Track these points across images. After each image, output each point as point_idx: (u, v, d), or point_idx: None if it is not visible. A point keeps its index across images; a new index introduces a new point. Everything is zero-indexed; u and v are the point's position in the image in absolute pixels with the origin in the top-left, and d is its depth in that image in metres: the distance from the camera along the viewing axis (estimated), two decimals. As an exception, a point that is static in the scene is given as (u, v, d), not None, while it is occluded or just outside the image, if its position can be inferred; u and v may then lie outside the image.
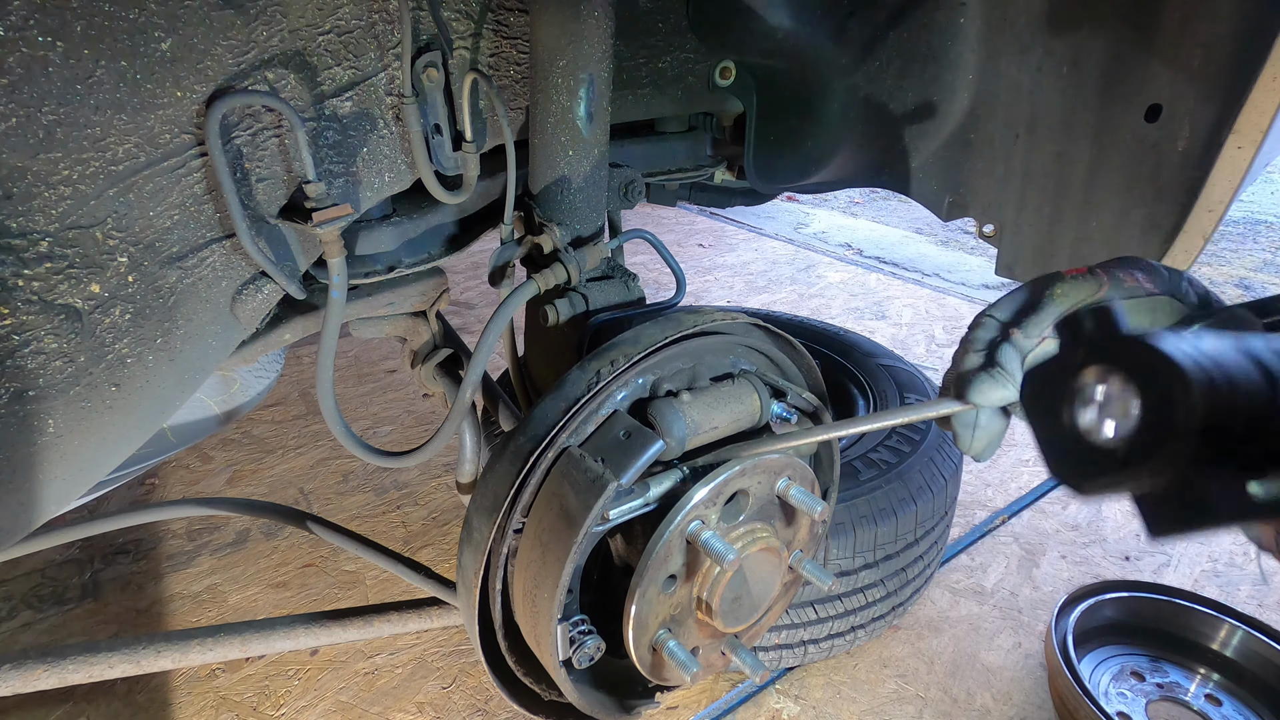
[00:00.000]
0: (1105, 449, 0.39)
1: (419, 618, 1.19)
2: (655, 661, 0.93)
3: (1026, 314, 0.70)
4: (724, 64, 1.29)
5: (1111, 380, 0.39)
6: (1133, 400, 0.37)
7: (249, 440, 2.38)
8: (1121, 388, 0.38)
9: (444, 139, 1.02)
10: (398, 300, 1.14)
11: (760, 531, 0.94)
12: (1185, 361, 0.34)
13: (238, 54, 0.78)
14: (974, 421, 0.73)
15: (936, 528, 1.53)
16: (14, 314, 0.70)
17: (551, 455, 0.87)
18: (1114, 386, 0.39)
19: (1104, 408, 0.39)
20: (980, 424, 0.73)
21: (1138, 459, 0.36)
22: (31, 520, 0.79)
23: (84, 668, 1.04)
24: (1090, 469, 0.40)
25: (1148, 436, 0.36)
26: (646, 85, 1.24)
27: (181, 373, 0.85)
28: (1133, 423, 0.37)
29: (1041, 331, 0.68)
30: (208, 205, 0.81)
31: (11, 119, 0.65)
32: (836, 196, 5.25)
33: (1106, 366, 0.39)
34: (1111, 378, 0.39)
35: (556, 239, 1.08)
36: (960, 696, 1.50)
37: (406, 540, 1.96)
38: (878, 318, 3.20)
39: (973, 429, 0.73)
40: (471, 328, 3.13)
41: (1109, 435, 0.39)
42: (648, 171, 1.39)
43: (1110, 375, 0.39)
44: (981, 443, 0.74)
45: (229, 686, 1.56)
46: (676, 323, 0.92)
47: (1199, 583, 1.78)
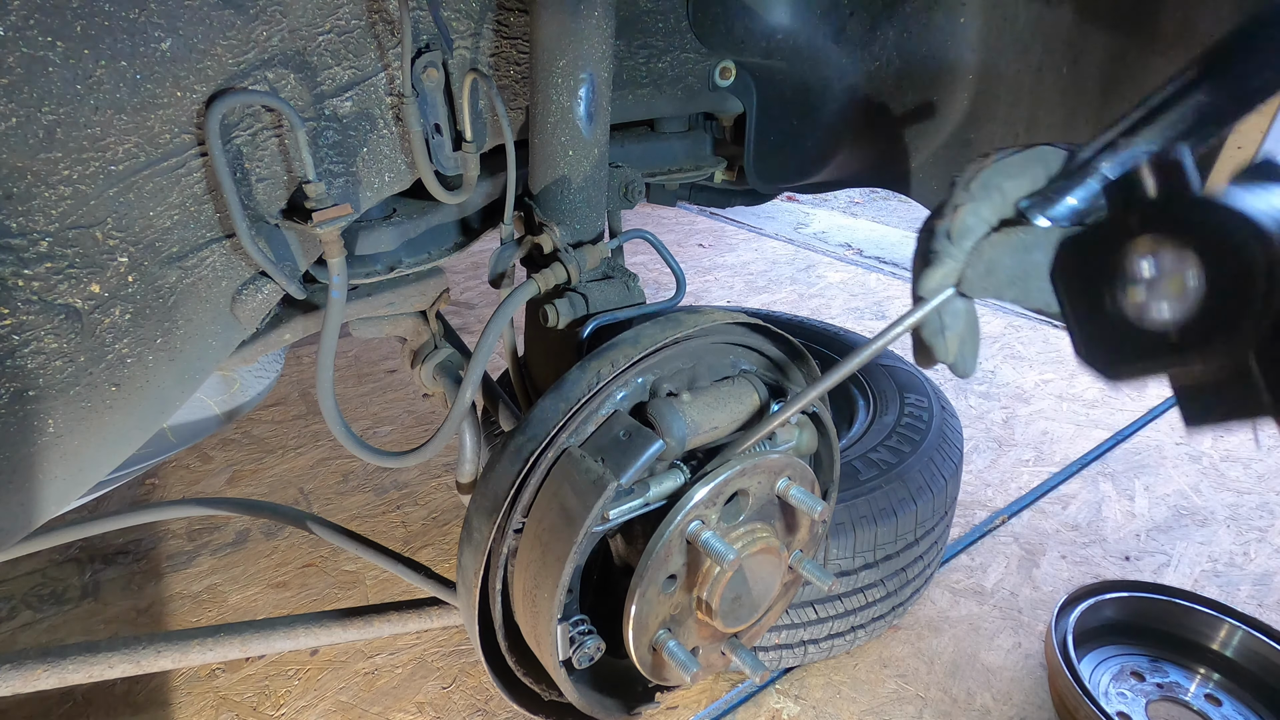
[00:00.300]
0: (1152, 332, 0.34)
1: (419, 618, 1.19)
2: (655, 661, 0.93)
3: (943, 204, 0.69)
4: (724, 64, 1.29)
5: (1167, 252, 0.33)
6: (1191, 274, 0.32)
7: (249, 440, 2.38)
8: (1178, 260, 0.33)
9: (444, 139, 1.02)
10: (398, 300, 1.14)
11: (760, 531, 0.94)
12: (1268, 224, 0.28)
13: (238, 54, 0.78)
14: (940, 324, 0.69)
15: (936, 528, 1.53)
16: (14, 314, 0.70)
17: (551, 455, 0.87)
18: (1168, 259, 0.33)
19: (1156, 285, 0.34)
20: (946, 324, 0.69)
21: (1194, 343, 0.31)
22: (31, 520, 0.79)
23: (84, 668, 1.04)
24: (1129, 354, 0.35)
25: (1211, 318, 0.31)
26: (646, 85, 1.24)
27: (181, 373, 0.85)
28: (1192, 302, 0.32)
29: (952, 204, 0.66)
30: (208, 205, 0.81)
31: (11, 119, 0.65)
32: (836, 196, 5.25)
33: (1162, 236, 0.33)
34: (1167, 249, 0.33)
35: (556, 239, 1.08)
36: (960, 696, 1.50)
37: (406, 540, 1.96)
38: (878, 318, 3.20)
39: (941, 332, 0.69)
40: (471, 328, 3.13)
41: (1161, 317, 0.33)
42: (648, 171, 1.39)
43: (1166, 246, 0.33)
44: (955, 342, 0.70)
45: (229, 686, 1.56)
46: (676, 323, 0.92)
47: (1199, 583, 1.78)
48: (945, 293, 0.66)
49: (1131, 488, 2.11)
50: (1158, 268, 0.34)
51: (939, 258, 0.66)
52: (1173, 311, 0.33)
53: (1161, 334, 0.33)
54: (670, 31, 1.22)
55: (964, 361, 0.72)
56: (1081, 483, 2.14)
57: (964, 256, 0.64)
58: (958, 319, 0.70)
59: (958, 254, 0.65)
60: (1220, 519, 1.98)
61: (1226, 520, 1.98)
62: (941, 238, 0.66)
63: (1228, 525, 1.96)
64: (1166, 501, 2.05)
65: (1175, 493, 2.09)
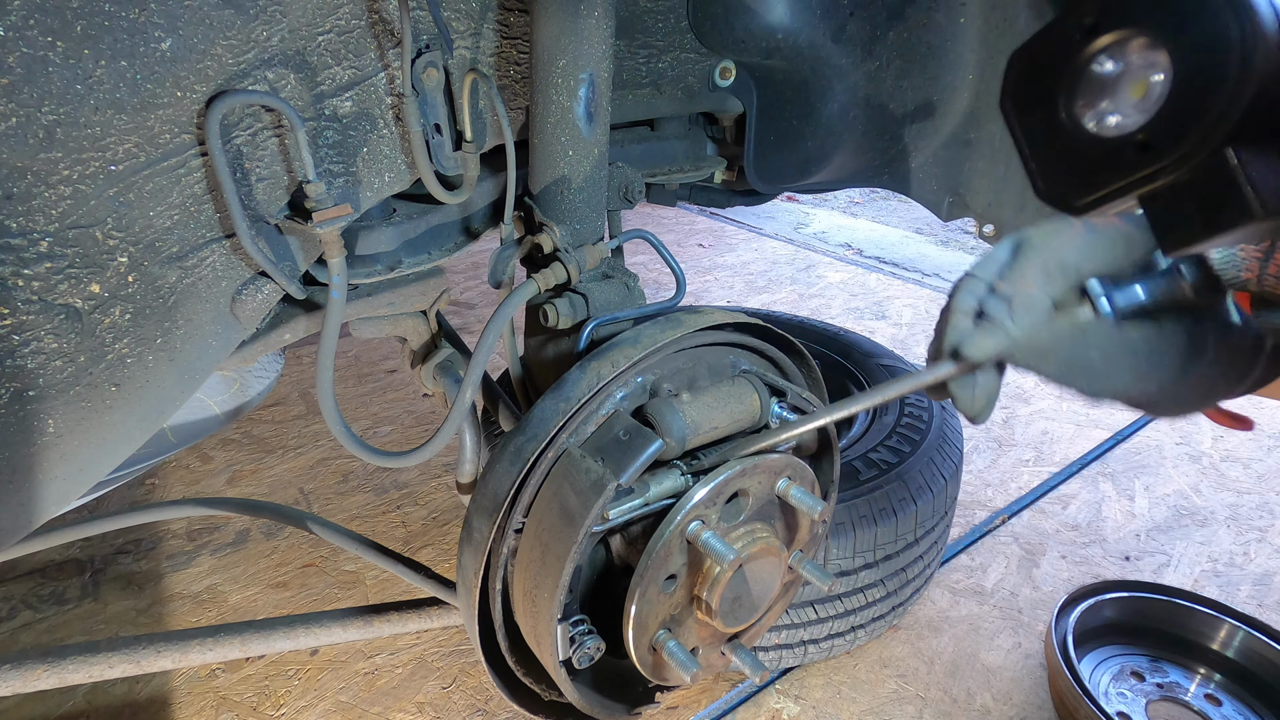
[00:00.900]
0: (1113, 143, 0.30)
1: (419, 618, 1.19)
2: (655, 661, 0.93)
3: (1007, 265, 0.66)
4: (724, 64, 1.29)
5: (1132, 43, 0.29)
6: (1158, 67, 0.28)
7: (249, 440, 2.38)
8: (1146, 50, 0.28)
9: (444, 139, 1.02)
10: (398, 300, 1.14)
11: (760, 531, 0.94)
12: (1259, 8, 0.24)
13: (238, 54, 0.78)
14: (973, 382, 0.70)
15: (936, 528, 1.53)
16: (14, 314, 0.70)
17: (551, 455, 0.87)
18: (1134, 51, 0.29)
19: (1118, 87, 0.29)
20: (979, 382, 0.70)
21: (1163, 145, 0.27)
22: (31, 520, 0.79)
23: (84, 668, 1.04)
24: (1093, 174, 0.31)
25: (1179, 108, 0.27)
26: (646, 85, 1.24)
27: (181, 373, 0.85)
28: (1158, 98, 0.28)
29: (1024, 275, 0.63)
30: (208, 205, 0.81)
31: (11, 119, 0.65)
32: (836, 196, 5.25)
33: (1127, 29, 0.29)
34: (1132, 40, 0.29)
35: (556, 239, 1.08)
36: (960, 696, 1.50)
37: (406, 540, 1.96)
38: (878, 318, 3.20)
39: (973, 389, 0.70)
40: (471, 328, 3.13)
41: (1121, 124, 0.29)
42: (648, 171, 1.39)
43: (1131, 37, 0.29)
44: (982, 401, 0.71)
45: (229, 686, 1.56)
46: (677, 323, 0.92)
47: (1199, 583, 1.78)
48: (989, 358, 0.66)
49: (1131, 488, 2.11)
50: (1120, 66, 0.29)
51: (994, 328, 0.65)
52: (1137, 114, 0.29)
53: (1126, 142, 0.29)
54: (670, 31, 1.22)
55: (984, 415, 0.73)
56: (1081, 483, 2.14)
57: (1019, 334, 0.63)
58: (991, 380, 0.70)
59: (1015, 331, 0.63)
60: (1220, 519, 1.98)
61: (1226, 520, 1.98)
62: (1001, 305, 0.64)
63: (1228, 525, 1.96)
64: (1166, 501, 2.05)
65: (1175, 493, 2.09)
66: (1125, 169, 0.29)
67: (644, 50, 1.21)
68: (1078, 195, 0.32)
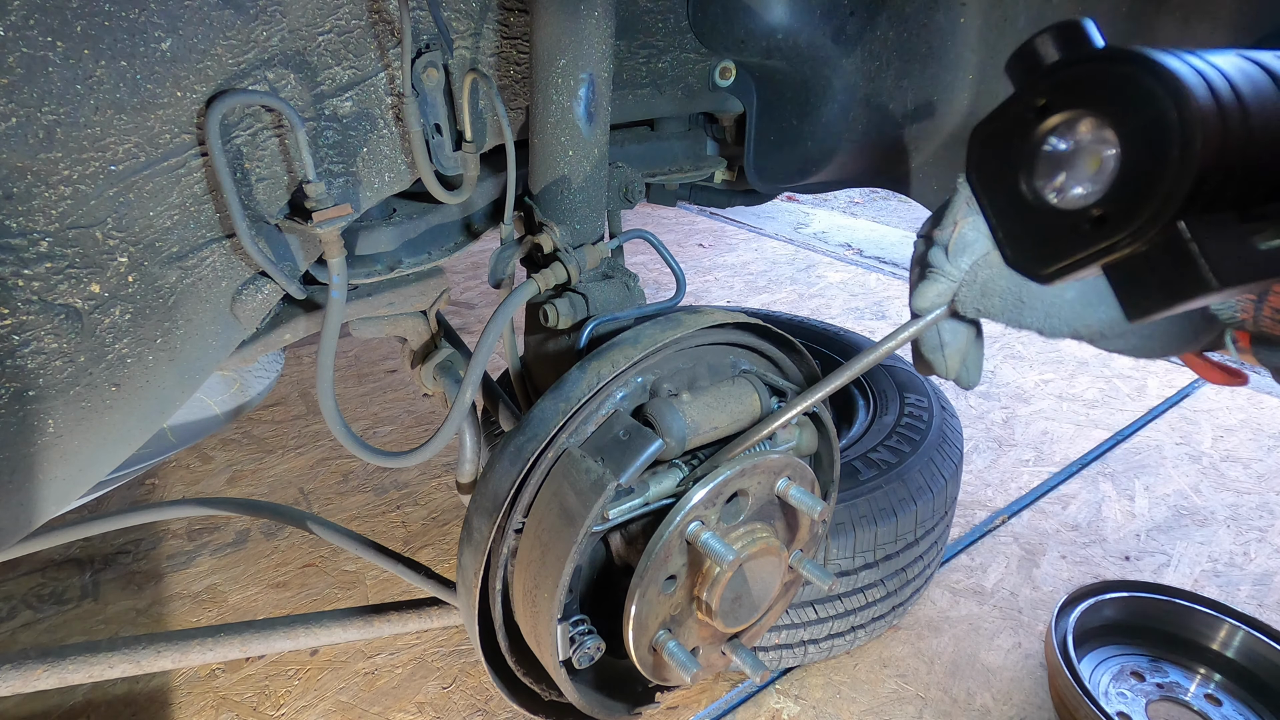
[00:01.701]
0: (1073, 216, 0.31)
1: (419, 618, 1.19)
2: (655, 662, 0.93)
3: (942, 213, 0.66)
4: (724, 64, 1.29)
5: (1081, 123, 0.30)
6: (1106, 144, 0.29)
7: (249, 440, 2.38)
8: (1094, 130, 0.30)
9: (444, 139, 1.02)
10: (398, 300, 1.14)
11: (760, 531, 0.94)
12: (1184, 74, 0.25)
13: (237, 54, 0.78)
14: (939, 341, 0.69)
15: (936, 528, 1.53)
16: (14, 314, 0.70)
17: (551, 455, 0.87)
18: (1084, 130, 0.30)
19: (1071, 163, 0.31)
20: (945, 340, 0.69)
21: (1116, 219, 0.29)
22: (31, 520, 0.79)
23: (84, 668, 1.04)
24: (1056, 245, 0.31)
25: (1129, 186, 0.28)
26: (646, 85, 1.24)
27: (181, 373, 0.85)
28: (1109, 172, 0.29)
29: (953, 218, 0.63)
30: (208, 205, 0.81)
31: (11, 119, 0.65)
32: (836, 196, 5.25)
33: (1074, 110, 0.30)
34: (1081, 120, 0.30)
35: (556, 239, 1.08)
36: (960, 696, 1.50)
37: (406, 540, 1.96)
38: (878, 318, 3.20)
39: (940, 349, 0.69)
40: (471, 328, 3.13)
41: (1076, 199, 0.31)
42: (648, 171, 1.39)
43: (1079, 117, 0.30)
44: (955, 359, 0.69)
45: (229, 686, 1.56)
46: (676, 323, 0.92)
47: (1199, 583, 1.78)
48: (937, 311, 0.65)
49: (1131, 488, 2.11)
50: (1072, 144, 0.31)
51: (935, 274, 0.64)
52: (1093, 187, 0.30)
53: (1083, 216, 0.30)
54: (670, 31, 1.22)
55: (967, 375, 0.72)
56: (1081, 483, 2.14)
57: (959, 275, 0.63)
58: (958, 336, 0.69)
59: (953, 272, 0.63)
60: (1220, 519, 1.98)
61: (1226, 520, 1.98)
62: (939, 252, 0.64)
63: (1228, 525, 1.96)
64: (1166, 501, 2.05)
65: (1175, 493, 2.09)
66: (1084, 241, 0.30)
67: (644, 50, 1.21)
68: (1043, 265, 0.33)
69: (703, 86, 1.29)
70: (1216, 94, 0.25)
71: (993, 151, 0.34)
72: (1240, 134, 0.25)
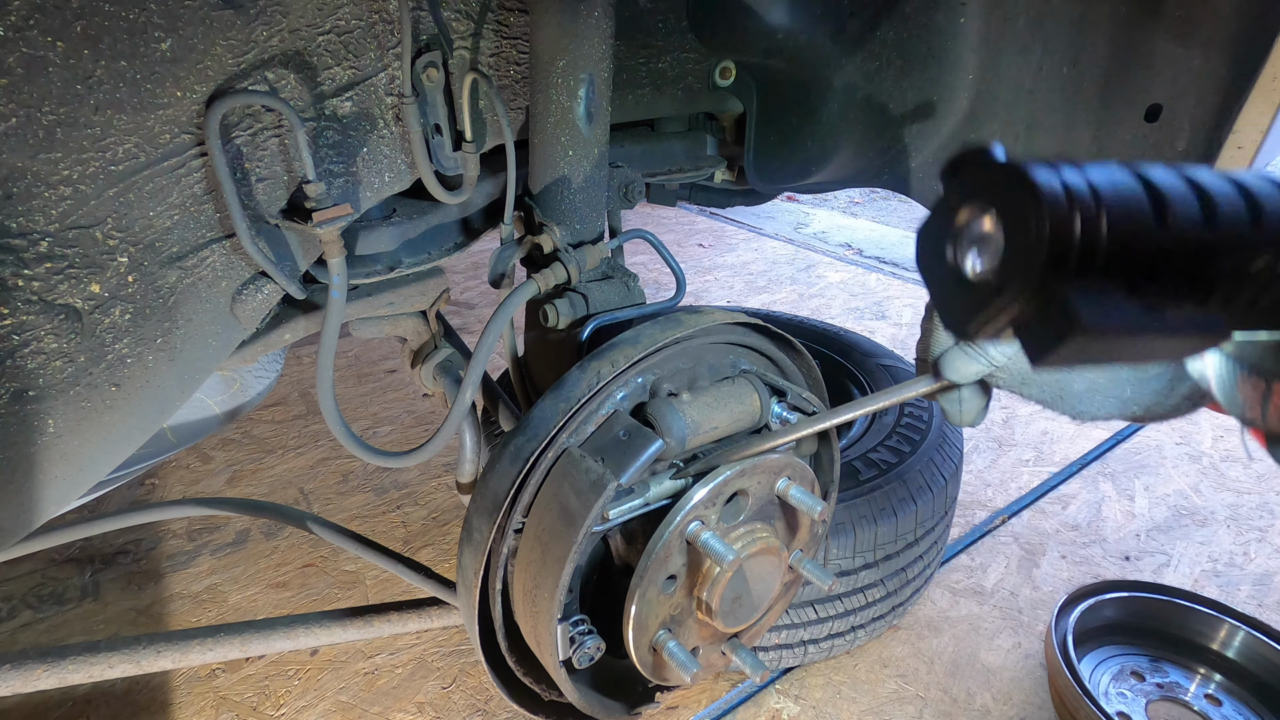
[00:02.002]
0: (981, 285, 0.40)
1: (419, 618, 1.19)
2: (655, 662, 0.93)
3: None
4: (724, 64, 1.29)
5: (983, 215, 0.40)
6: (996, 229, 0.38)
7: (249, 440, 2.38)
8: (986, 221, 0.39)
9: (444, 139, 1.02)
10: (398, 300, 1.14)
11: (760, 531, 0.94)
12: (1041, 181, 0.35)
13: (238, 54, 0.78)
14: (959, 396, 0.75)
15: (936, 528, 1.53)
16: (14, 314, 0.70)
17: (551, 455, 0.87)
18: (985, 221, 0.40)
19: (979, 244, 0.40)
20: (964, 397, 0.74)
21: (1005, 286, 0.38)
22: (31, 520, 0.79)
23: (84, 668, 1.04)
24: (972, 307, 0.41)
25: (1010, 262, 0.37)
26: (646, 85, 1.24)
27: (181, 373, 0.85)
28: (998, 251, 0.38)
29: None
30: (208, 205, 0.81)
31: (11, 119, 0.65)
32: (836, 196, 5.25)
33: (979, 204, 0.40)
34: (983, 213, 0.40)
35: (556, 239, 1.08)
36: (960, 696, 1.50)
37: (406, 540, 1.96)
38: (878, 318, 3.20)
39: (959, 404, 0.75)
40: (471, 328, 3.13)
41: (982, 269, 0.40)
42: (648, 171, 1.39)
43: (982, 210, 0.40)
44: (970, 415, 0.76)
45: (229, 686, 1.56)
46: (677, 323, 0.92)
47: (1199, 583, 1.78)
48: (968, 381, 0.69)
49: (1131, 488, 2.11)
50: (976, 229, 0.40)
51: (975, 354, 0.69)
52: (989, 262, 0.39)
53: (986, 285, 0.40)
54: (670, 31, 1.22)
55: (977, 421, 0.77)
56: (1081, 483, 2.14)
57: (1003, 362, 0.67)
58: (975, 395, 0.74)
59: (997, 358, 0.67)
60: (1220, 519, 1.98)
61: (1226, 520, 1.98)
62: None
63: (1228, 525, 1.96)
64: (1166, 501, 2.05)
65: (1175, 493, 2.08)
66: (989, 304, 0.39)
67: (644, 50, 1.21)
68: (966, 324, 0.41)
69: (703, 86, 1.29)
70: (1071, 189, 0.35)
71: (928, 239, 0.44)
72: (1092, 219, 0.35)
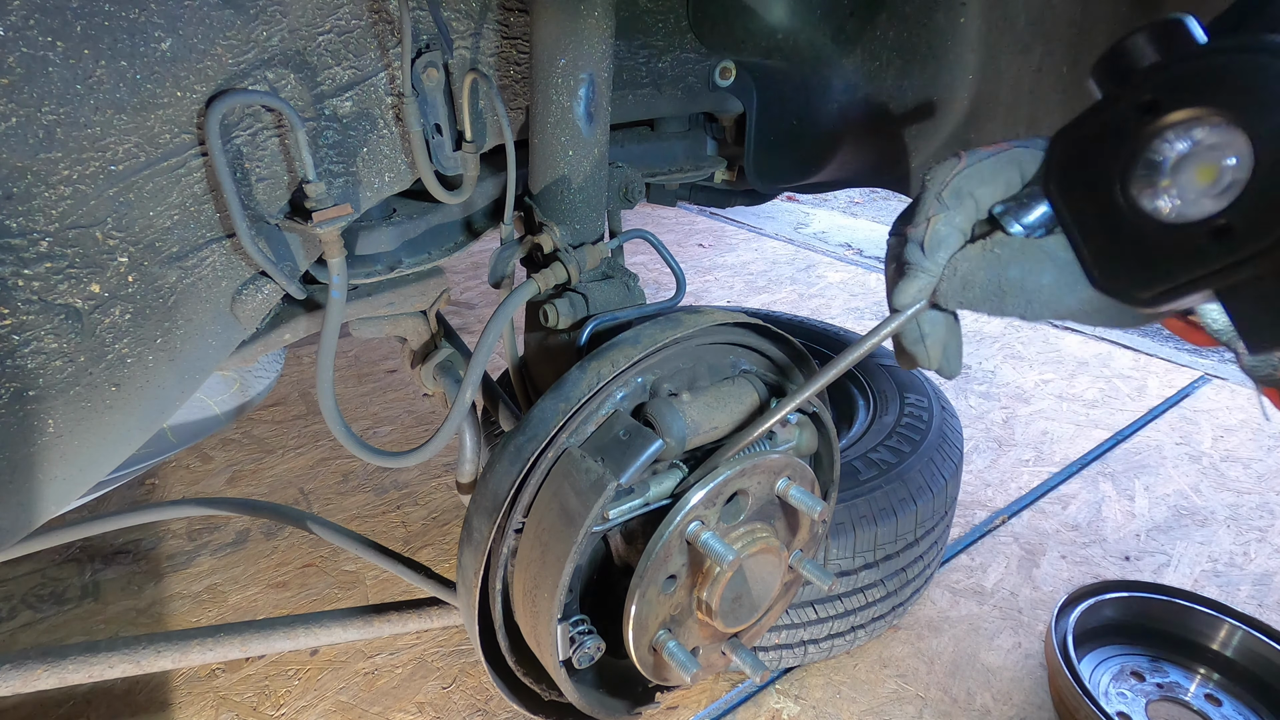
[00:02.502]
0: (1184, 231, 0.27)
1: (419, 618, 1.19)
2: (655, 662, 0.93)
3: (914, 210, 0.67)
4: (724, 64, 1.29)
5: (1207, 125, 0.26)
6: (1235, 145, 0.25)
7: (249, 440, 2.38)
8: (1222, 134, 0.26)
9: (444, 139, 1.02)
10: (398, 300, 1.14)
11: (760, 531, 0.94)
12: None
13: (238, 54, 0.78)
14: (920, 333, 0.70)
15: (936, 528, 1.53)
16: (14, 314, 0.70)
17: (551, 455, 0.87)
18: (1209, 135, 0.26)
19: (1188, 171, 0.27)
20: (925, 332, 0.70)
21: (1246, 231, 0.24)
22: (31, 520, 0.79)
23: (84, 668, 1.04)
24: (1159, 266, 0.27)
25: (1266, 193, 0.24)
26: (646, 85, 1.24)
27: (181, 373, 0.85)
28: (1239, 181, 0.25)
29: (925, 214, 0.64)
30: (208, 205, 0.81)
31: (11, 119, 0.65)
32: (836, 196, 5.25)
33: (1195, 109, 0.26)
34: (1207, 122, 0.26)
35: (556, 239, 1.08)
36: (960, 696, 1.50)
37: (406, 540, 1.96)
38: (878, 318, 3.20)
39: (922, 340, 0.70)
40: (471, 328, 3.13)
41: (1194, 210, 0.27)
42: (648, 171, 1.39)
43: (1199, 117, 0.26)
44: (936, 349, 0.70)
45: (229, 686, 1.56)
46: (677, 323, 0.92)
47: (1199, 583, 1.78)
48: (919, 305, 0.67)
49: (1131, 488, 2.11)
50: (1188, 147, 0.27)
51: (913, 270, 0.65)
52: (1211, 197, 0.26)
53: (1199, 229, 0.26)
54: (670, 31, 1.22)
55: (948, 364, 0.73)
56: (1081, 483, 2.14)
57: (938, 270, 0.64)
58: (937, 327, 0.70)
59: (931, 267, 0.64)
60: (1220, 519, 1.98)
61: (1226, 520, 1.98)
62: (915, 248, 0.65)
63: (1228, 525, 1.96)
64: (1166, 501, 2.05)
65: (1175, 493, 2.09)
66: (1199, 259, 0.26)
67: (644, 50, 1.21)
68: (1142, 288, 0.29)
69: (703, 86, 1.29)
70: None
71: (1080, 160, 0.31)
72: None
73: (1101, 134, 0.29)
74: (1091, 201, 0.30)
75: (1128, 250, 0.29)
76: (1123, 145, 0.28)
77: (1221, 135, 0.26)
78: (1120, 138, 0.28)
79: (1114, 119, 0.28)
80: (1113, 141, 0.29)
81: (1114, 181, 0.29)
